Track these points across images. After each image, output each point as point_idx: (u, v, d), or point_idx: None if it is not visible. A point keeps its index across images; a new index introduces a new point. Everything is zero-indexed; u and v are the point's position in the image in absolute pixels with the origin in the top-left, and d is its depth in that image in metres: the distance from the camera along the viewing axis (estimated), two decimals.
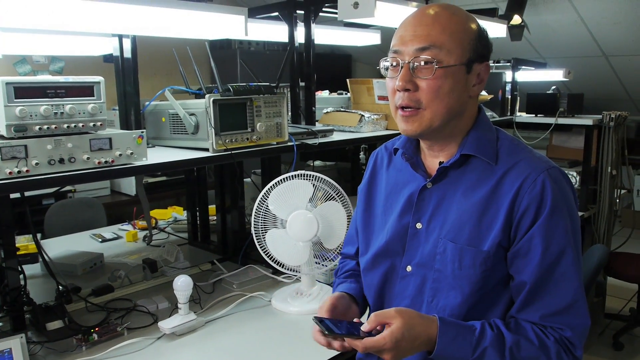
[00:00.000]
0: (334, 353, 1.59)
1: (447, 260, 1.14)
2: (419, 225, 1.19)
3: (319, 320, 1.11)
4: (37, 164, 1.37)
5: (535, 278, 1.09)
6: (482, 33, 1.15)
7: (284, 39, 2.47)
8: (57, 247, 2.46)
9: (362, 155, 3.43)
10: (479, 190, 1.13)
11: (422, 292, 1.18)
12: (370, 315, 1.07)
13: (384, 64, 1.17)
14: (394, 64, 1.14)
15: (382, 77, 1.21)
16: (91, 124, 1.47)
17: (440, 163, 1.18)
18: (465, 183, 1.16)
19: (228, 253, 2.39)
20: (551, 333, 1.09)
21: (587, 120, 3.41)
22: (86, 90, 1.46)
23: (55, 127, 1.40)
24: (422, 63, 1.10)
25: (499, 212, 1.11)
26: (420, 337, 1.05)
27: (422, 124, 1.13)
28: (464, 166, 1.17)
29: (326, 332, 1.07)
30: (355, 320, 1.17)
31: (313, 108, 2.46)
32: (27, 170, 1.35)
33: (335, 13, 2.31)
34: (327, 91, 3.19)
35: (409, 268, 1.20)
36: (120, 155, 1.52)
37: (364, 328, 1.07)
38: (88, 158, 1.46)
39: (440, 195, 1.18)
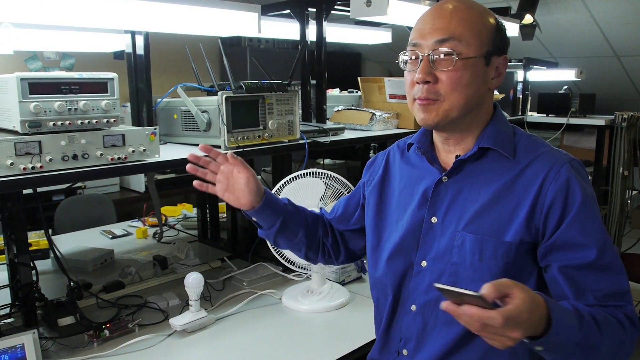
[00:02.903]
0: (345, 351, 1.59)
1: (465, 252, 1.13)
2: (434, 220, 1.19)
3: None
4: (50, 159, 1.37)
5: (582, 265, 1.06)
6: (500, 26, 1.16)
7: (294, 36, 2.46)
8: (68, 243, 2.46)
9: (371, 153, 3.42)
10: (498, 183, 1.13)
11: None
12: (487, 285, 0.84)
13: (402, 57, 1.17)
14: (413, 57, 1.14)
15: (392, 75, 1.22)
16: (105, 120, 1.47)
17: (457, 156, 1.17)
18: (482, 176, 1.15)
19: (238, 251, 2.39)
20: (615, 311, 1.05)
21: (599, 121, 3.39)
22: (100, 87, 1.47)
23: (69, 123, 1.40)
24: (442, 55, 1.10)
25: (522, 204, 1.10)
26: (539, 310, 0.89)
27: (439, 114, 1.12)
28: (481, 160, 1.16)
29: (462, 291, 0.84)
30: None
31: (324, 106, 2.45)
32: (41, 166, 1.35)
33: (347, 11, 2.31)
34: (338, 89, 3.18)
35: (424, 263, 1.19)
36: (133, 151, 1.52)
37: (486, 295, 0.83)
38: (101, 154, 1.46)
39: (456, 189, 1.17)
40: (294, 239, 1.42)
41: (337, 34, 2.83)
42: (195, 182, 1.33)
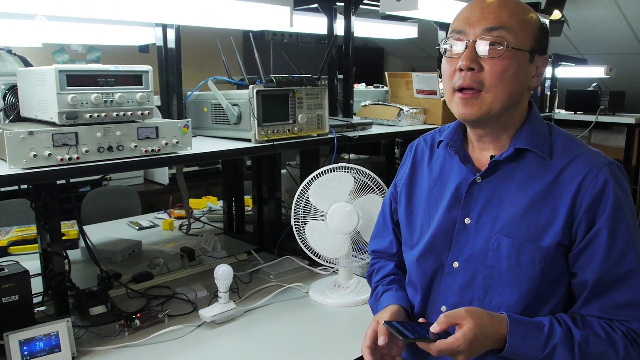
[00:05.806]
0: None
1: (502, 256, 1.11)
2: (467, 221, 1.17)
3: (389, 324, 1.09)
4: (87, 151, 1.39)
5: (600, 276, 1.07)
6: (543, 25, 1.14)
7: (318, 31, 2.45)
8: (95, 233, 2.48)
9: (396, 149, 3.40)
10: (535, 185, 1.11)
11: (471, 289, 1.16)
12: (440, 317, 1.05)
13: (444, 45, 1.13)
14: (457, 45, 1.10)
15: (415, 71, 1.20)
16: (139, 112, 1.49)
17: (492, 157, 1.16)
18: (518, 178, 1.13)
19: (264, 244, 2.40)
20: (618, 327, 1.07)
21: (629, 119, 3.33)
22: (135, 79, 1.48)
23: (105, 115, 1.42)
24: (490, 43, 1.07)
25: (559, 208, 1.08)
26: (492, 337, 1.04)
27: (482, 108, 1.09)
28: (517, 161, 1.14)
29: (401, 338, 1.05)
30: (420, 320, 1.15)
31: (351, 101, 2.45)
32: (77, 157, 1.38)
33: (376, 5, 2.30)
34: (364, 84, 3.17)
35: (455, 264, 1.18)
36: (166, 144, 1.53)
37: (433, 329, 1.05)
38: (135, 146, 1.47)
39: (490, 190, 1.15)
40: None
41: (363, 28, 2.82)
42: None
